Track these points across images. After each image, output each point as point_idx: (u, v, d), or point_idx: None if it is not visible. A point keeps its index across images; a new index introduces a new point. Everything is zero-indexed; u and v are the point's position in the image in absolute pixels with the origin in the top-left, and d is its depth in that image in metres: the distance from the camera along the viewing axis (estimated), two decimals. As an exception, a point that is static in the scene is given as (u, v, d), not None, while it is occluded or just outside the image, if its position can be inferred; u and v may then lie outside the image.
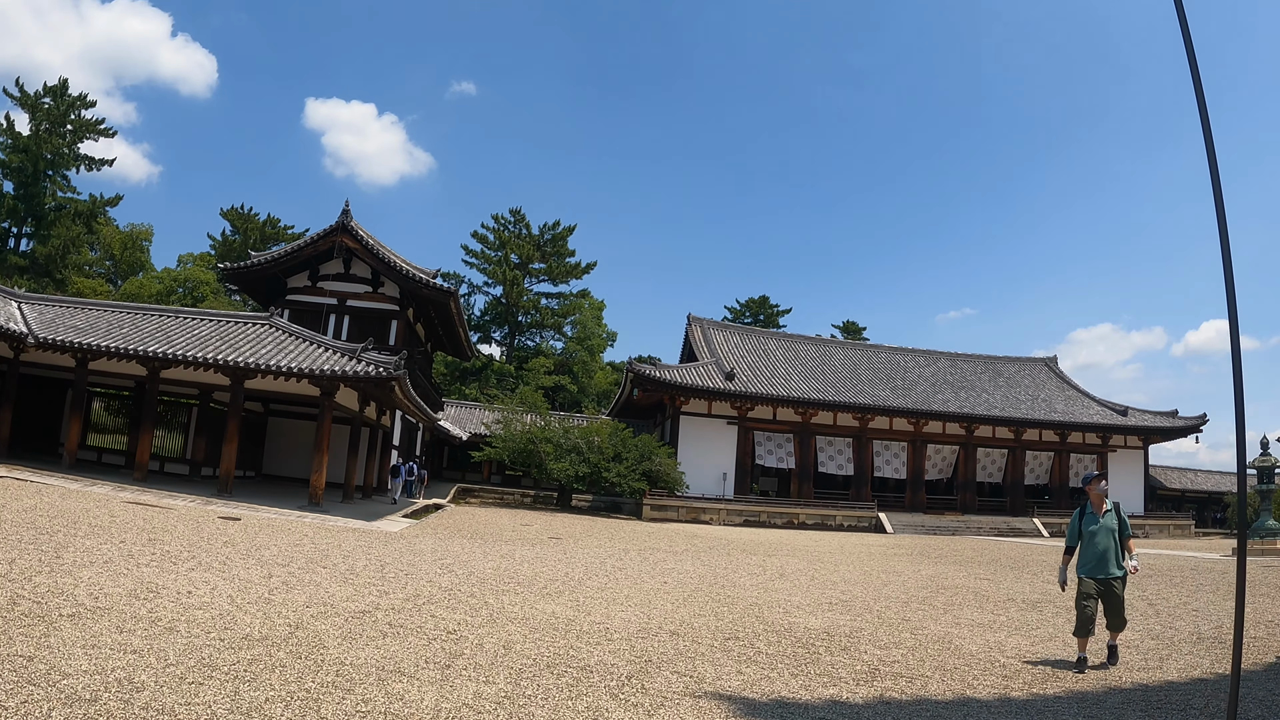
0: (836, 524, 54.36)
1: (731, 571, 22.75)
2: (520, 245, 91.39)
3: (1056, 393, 72.10)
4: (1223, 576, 27.08)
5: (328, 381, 30.57)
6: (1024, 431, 64.41)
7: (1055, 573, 26.61)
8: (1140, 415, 68.80)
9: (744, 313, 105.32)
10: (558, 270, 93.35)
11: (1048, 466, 65.76)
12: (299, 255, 44.09)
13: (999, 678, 10.61)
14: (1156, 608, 18.67)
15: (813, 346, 70.31)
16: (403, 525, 29.78)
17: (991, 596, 19.74)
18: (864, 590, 20.04)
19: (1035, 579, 24.84)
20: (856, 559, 30.07)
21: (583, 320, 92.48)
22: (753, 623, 13.92)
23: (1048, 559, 33.13)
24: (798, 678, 9.94)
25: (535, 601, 14.63)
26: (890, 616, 15.63)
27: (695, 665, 10.24)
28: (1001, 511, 62.15)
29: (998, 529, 56.10)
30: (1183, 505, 78.27)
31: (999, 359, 76.86)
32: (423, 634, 10.89)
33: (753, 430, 58.26)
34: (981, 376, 72.57)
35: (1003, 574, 26.20)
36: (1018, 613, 16.99)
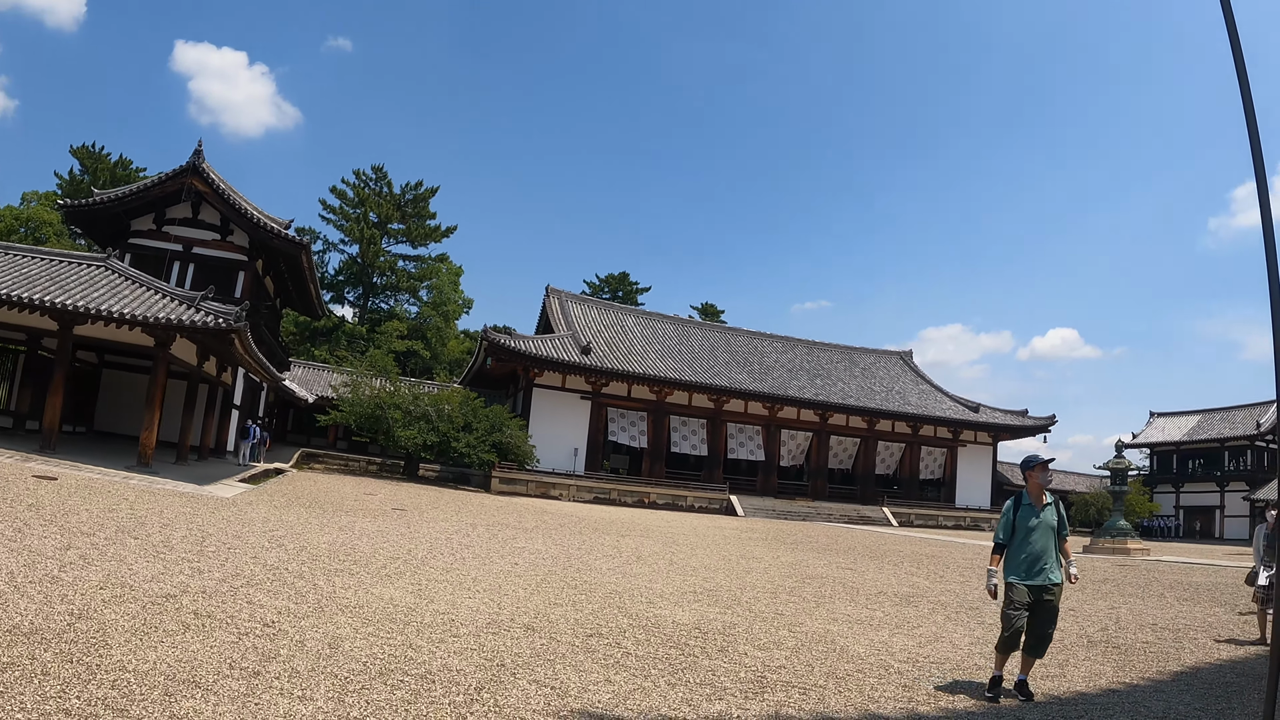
0: (688, 505, 53.65)
1: (586, 553, 21.30)
2: (380, 204, 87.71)
3: (911, 386, 72.55)
4: (1080, 573, 26.63)
5: (162, 331, 28.05)
6: (877, 422, 64.61)
7: (921, 565, 25.92)
8: (991, 413, 69.74)
9: (603, 288, 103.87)
10: (417, 232, 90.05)
11: (899, 457, 66.23)
12: (145, 195, 40.99)
13: (899, 688, 9.36)
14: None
15: (671, 326, 69.31)
16: (237, 491, 27.48)
17: (860, 589, 18.71)
18: (727, 578, 18.82)
19: (898, 570, 24.11)
20: (713, 543, 28.98)
21: (439, 285, 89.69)
22: (615, 615, 12.45)
23: (903, 549, 32.70)
24: (676, 688, 8.47)
25: (372, 584, 12.88)
26: (763, 610, 14.36)
27: (557, 671, 8.68)
28: (852, 499, 62.38)
29: (848, 516, 56.05)
30: None
31: (855, 349, 77.16)
32: (234, 627, 9.02)
33: (607, 406, 57.07)
34: (838, 366, 72.62)
35: (863, 563, 25.42)
36: (893, 608, 15.92)
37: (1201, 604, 20.00)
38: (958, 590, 19.88)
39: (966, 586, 20.91)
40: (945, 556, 30.58)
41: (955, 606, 16.83)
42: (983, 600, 18.15)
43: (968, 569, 26.08)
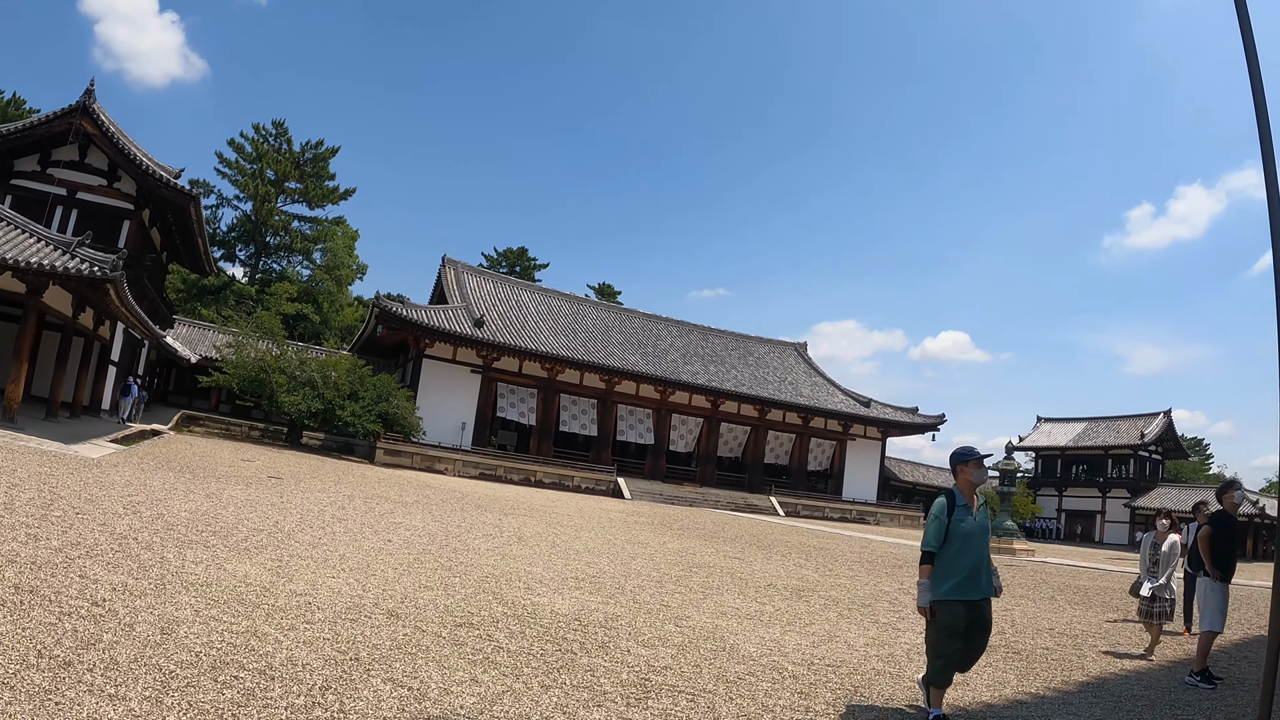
0: (574, 485, 52.78)
1: (465, 531, 20.20)
2: (279, 161, 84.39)
3: (804, 377, 72.52)
4: None
5: (33, 277, 26.25)
6: (768, 411, 64.42)
7: (810, 557, 25.38)
8: (882, 408, 70.14)
9: (501, 262, 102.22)
10: (314, 193, 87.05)
11: (789, 448, 66.17)
12: (30, 134, 38.62)
13: (795, 695, 8.57)
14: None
15: (566, 303, 68.05)
16: (106, 452, 25.83)
17: (749, 580, 17.97)
18: (611, 563, 17.94)
19: (786, 561, 23.50)
20: (598, 525, 28.12)
21: (334, 249, 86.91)
22: (489, 602, 11.46)
23: (790, 539, 32.30)
24: (550, 691, 7.52)
25: (228, 559, 11.66)
26: (647, 600, 13.50)
27: (417, 667, 7.67)
28: (740, 487, 62.16)
29: (735, 504, 55.65)
30: (913, 497, 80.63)
31: (750, 338, 76.86)
32: (57, 605, 7.80)
33: (497, 381, 55.86)
34: (732, 353, 72.23)
35: (751, 553, 24.80)
36: (784, 602, 15.19)
37: (1094, 609, 19.87)
38: (848, 585, 19.33)
39: (857, 581, 20.41)
40: (833, 549, 30.16)
41: (847, 603, 16.19)
42: (874, 597, 17.60)
43: (857, 563, 25.65)
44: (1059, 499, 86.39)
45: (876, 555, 29.75)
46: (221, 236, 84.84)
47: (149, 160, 40.72)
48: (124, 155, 39.06)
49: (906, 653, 11.70)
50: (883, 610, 15.63)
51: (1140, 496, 78.83)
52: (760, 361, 73.02)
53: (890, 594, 18.59)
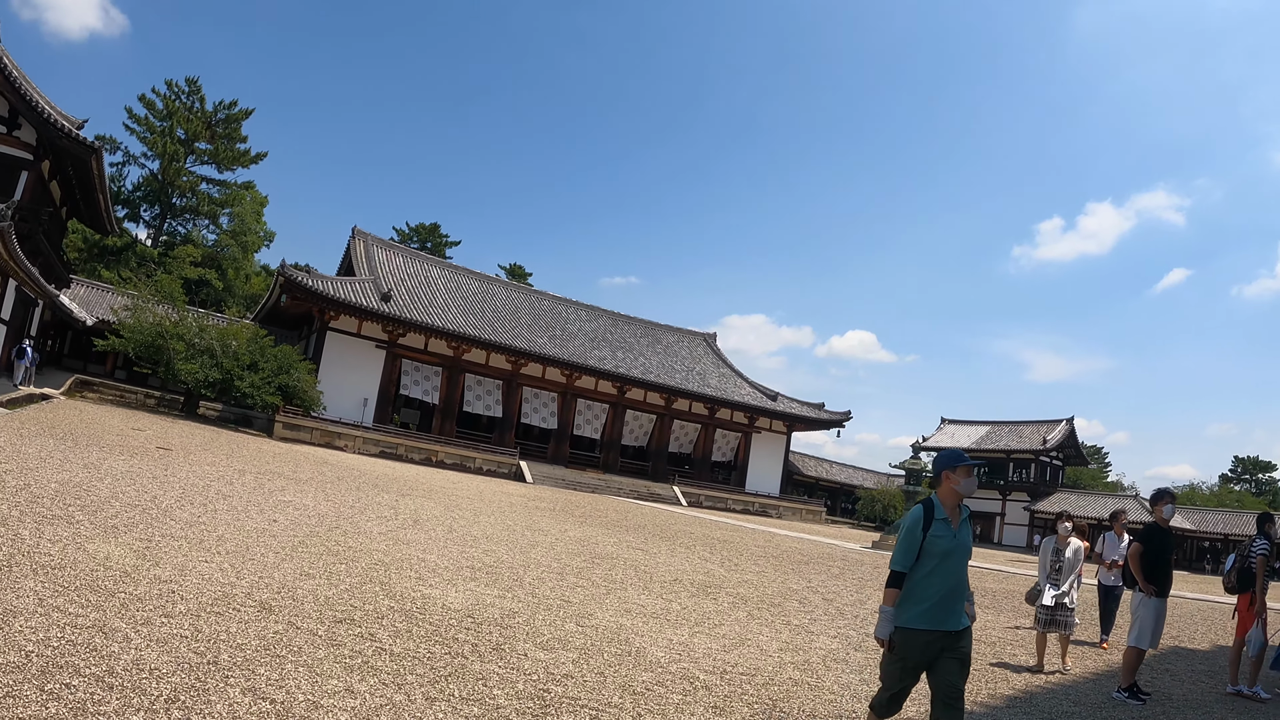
0: (476, 466, 51.69)
1: (359, 513, 19.08)
2: (190, 120, 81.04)
3: (712, 368, 72.02)
4: (875, 570, 26.61)
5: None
6: (675, 400, 63.85)
7: (715, 550, 24.73)
8: (789, 403, 69.97)
9: (412, 237, 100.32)
10: (225, 155, 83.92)
11: (694, 438, 65.79)
12: (-79, 71, 36.96)
13: (711, 710, 7.76)
14: (837, 606, 16.79)
15: (476, 282, 66.55)
16: (-21, 414, 24.56)
17: (654, 574, 17.17)
18: (510, 552, 17.00)
19: (691, 554, 22.78)
20: (498, 510, 27.14)
21: (242, 214, 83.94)
22: (376, 594, 10.46)
23: (694, 530, 31.69)
24: (436, 704, 6.58)
25: (91, 537, 10.52)
26: (547, 595, 12.62)
27: (285, 673, 6.69)
28: (644, 475, 61.54)
29: (638, 492, 55.01)
30: (815, 492, 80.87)
31: (660, 326, 76.15)
32: None
33: (402, 358, 54.38)
34: (641, 340, 71.41)
35: (655, 544, 24.08)
36: (690, 600, 14.41)
37: (1003, 613, 19.55)
38: (755, 582, 18.62)
39: (764, 578, 19.75)
40: (738, 542, 29.56)
41: (756, 601, 15.46)
42: (783, 595, 16.92)
43: (762, 558, 25.05)
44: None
45: (781, 550, 29.19)
46: (126, 195, 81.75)
47: (51, 109, 38.72)
48: (24, 100, 37.07)
49: (823, 659, 11.00)
50: (793, 610, 14.93)
51: (1040, 500, 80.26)
52: (669, 350, 72.38)
53: (799, 592, 17.95)
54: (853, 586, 20.81)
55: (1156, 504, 11.49)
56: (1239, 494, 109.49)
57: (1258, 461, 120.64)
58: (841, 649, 11.88)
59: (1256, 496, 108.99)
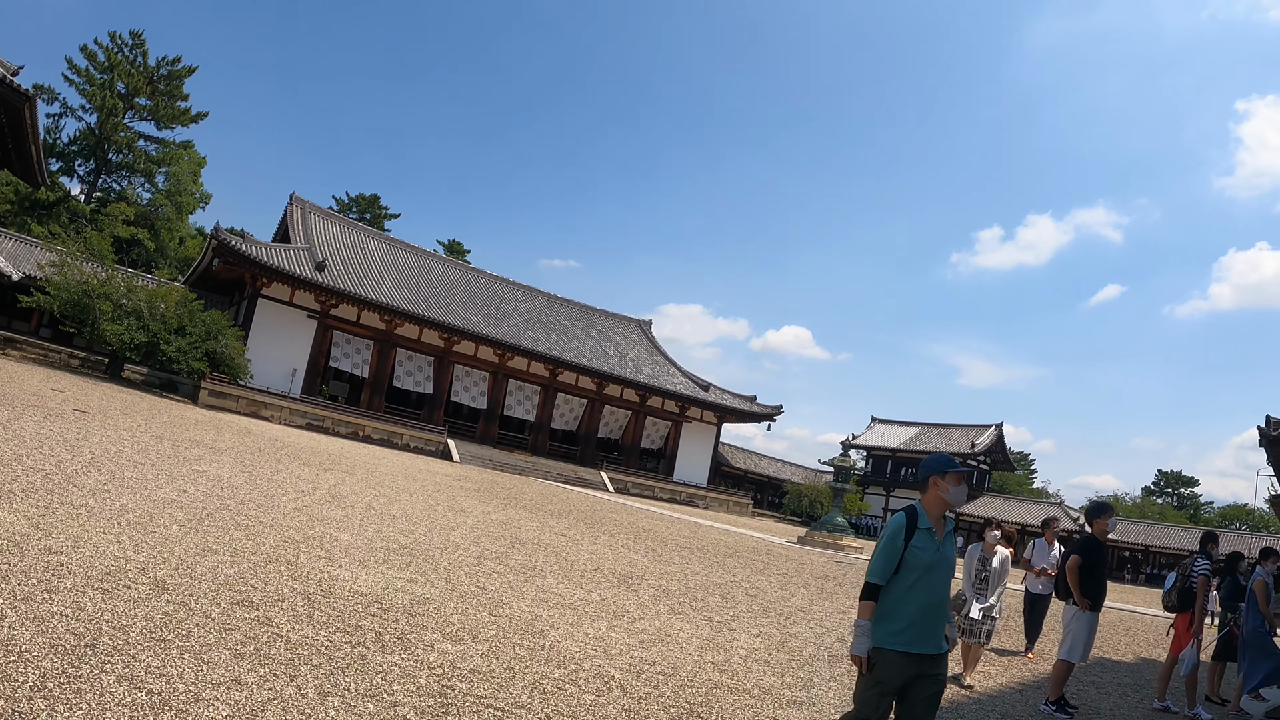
0: (403, 443, 50.85)
1: (276, 485, 18.38)
2: (131, 75, 78.37)
3: (645, 355, 71.68)
4: (800, 566, 26.34)
5: None
6: (607, 385, 63.50)
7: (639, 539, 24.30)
8: (721, 394, 69.86)
9: (352, 207, 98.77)
10: (165, 112, 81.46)
11: (624, 424, 65.51)
12: None
13: (624, 714, 7.30)
14: (760, 602, 16.38)
15: (413, 255, 65.41)
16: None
17: (575, 562, 16.67)
18: (428, 533, 16.44)
19: (614, 542, 22.35)
20: (421, 488, 26.50)
21: (178, 173, 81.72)
22: (280, 574, 9.85)
23: (620, 518, 31.31)
24: (329, 700, 6.04)
25: None
26: (462, 580, 12.11)
27: (169, 659, 6.09)
28: (572, 460, 61.22)
29: (566, 476, 54.54)
30: (743, 484, 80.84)
31: (595, 311, 75.51)
32: None
33: (333, 329, 53.33)
34: (576, 324, 70.79)
35: (579, 530, 23.61)
36: (611, 591, 13.95)
37: None
38: (679, 574, 18.20)
39: (688, 570, 19.32)
40: (663, 532, 29.17)
41: (679, 595, 15.03)
42: (706, 589, 16.49)
43: (687, 549, 24.63)
44: (886, 499, 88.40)
45: (707, 542, 28.82)
46: (61, 148, 79.36)
47: (-18, 51, 37.58)
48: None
49: (744, 660, 10.58)
50: (716, 606, 14.52)
51: (966, 504, 78.68)
52: (603, 335, 71.84)
53: (722, 586, 17.55)
54: (777, 582, 20.44)
55: (1099, 517, 11.09)
56: (1161, 506, 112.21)
57: (1180, 476, 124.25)
58: (764, 649, 11.49)
59: (1178, 510, 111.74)
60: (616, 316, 77.06)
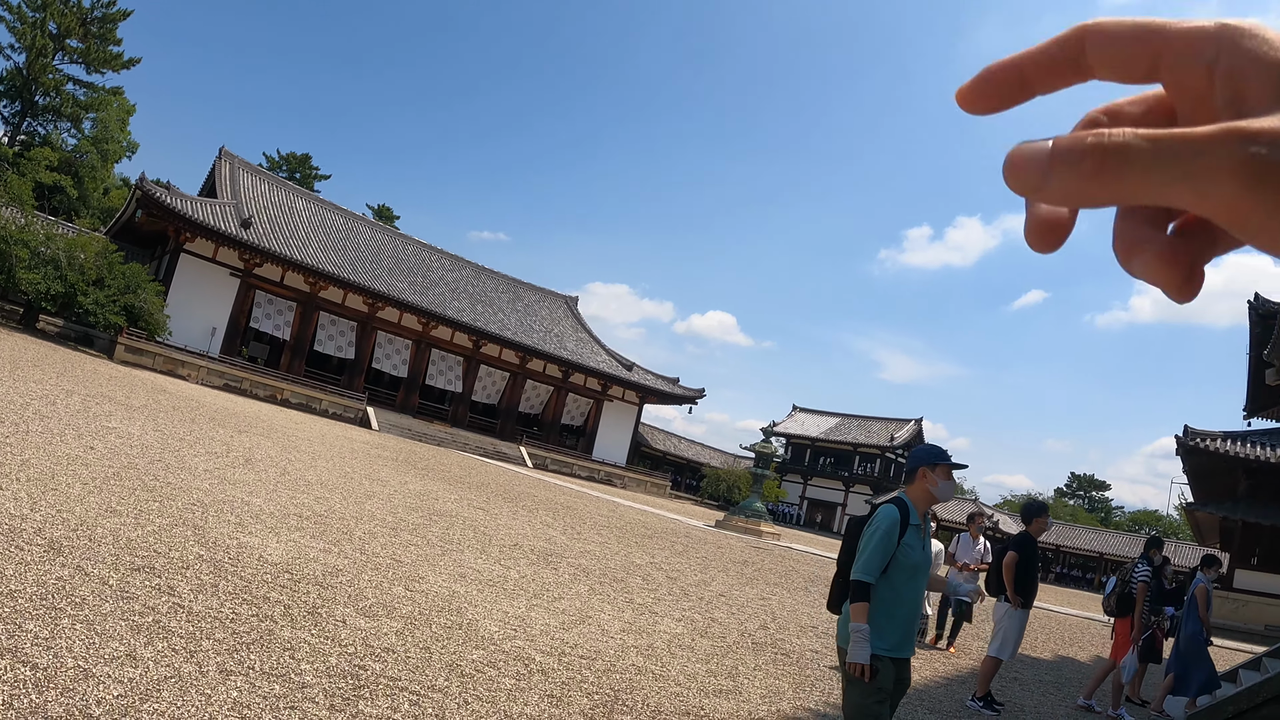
0: (322, 409, 49.89)
1: (188, 446, 17.58)
2: (64, 15, 74.86)
3: (570, 331, 71.15)
4: (719, 550, 26.11)
5: None
6: (530, 360, 62.92)
7: (558, 516, 23.93)
8: (644, 374, 69.57)
9: (282, 166, 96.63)
10: (96, 55, 78.30)
11: (545, 400, 65.07)
12: None
13: (546, 700, 6.88)
14: (681, 585, 16.08)
15: (341, 218, 64.09)
16: None
17: (494, 537, 16.23)
18: (344, 501, 15.89)
19: (533, 518, 21.92)
20: (338, 455, 25.85)
21: (106, 120, 78.94)
22: (186, 539, 9.25)
23: (538, 494, 30.98)
24: (232, 678, 5.54)
25: None
26: (378, 552, 11.61)
27: (58, 630, 5.52)
28: (492, 433, 60.54)
29: (484, 450, 53.98)
30: (662, 466, 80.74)
31: (523, 284, 74.68)
32: None
33: (256, 289, 52.03)
34: (502, 296, 69.96)
35: (497, 504, 23.16)
36: (530, 568, 13.53)
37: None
38: (598, 553, 17.83)
39: (607, 549, 18.98)
40: (582, 509, 28.81)
41: (599, 574, 14.66)
42: (626, 570, 16.15)
43: (606, 528, 24.31)
44: (804, 486, 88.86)
45: (626, 521, 28.51)
46: (-13, 88, 77.37)
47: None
48: None
49: (667, 645, 10.25)
50: (637, 587, 14.17)
51: (883, 495, 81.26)
52: (529, 309, 71.07)
53: (643, 568, 17.22)
54: (697, 565, 20.20)
55: (1038, 516, 10.93)
56: (1073, 508, 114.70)
57: (1092, 480, 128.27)
58: (687, 634, 11.17)
59: (1089, 512, 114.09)
60: (543, 291, 76.31)
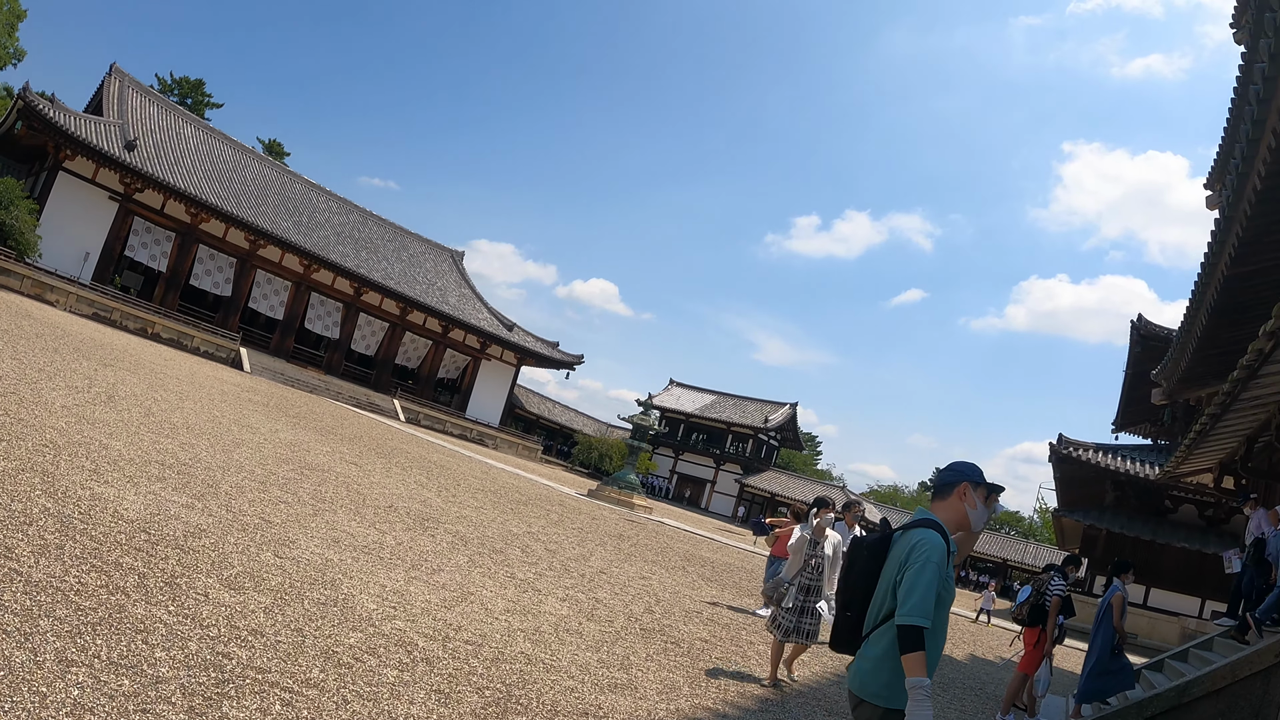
0: (194, 346, 47.55)
1: (47, 379, 16.12)
2: None
3: (454, 286, 69.69)
4: (594, 522, 25.45)
5: None
6: (411, 311, 61.38)
7: (432, 475, 23.07)
8: (524, 335, 68.64)
9: (174, 89, 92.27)
10: None
11: (424, 354, 63.80)
12: None
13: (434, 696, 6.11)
14: (561, 559, 15.38)
15: (230, 149, 60.53)
16: None
17: (368, 497, 15.31)
18: (210, 449, 14.72)
19: (408, 476, 21.05)
20: (207, 397, 24.34)
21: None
22: (33, 487, 8.21)
23: (412, 450, 30.11)
24: (72, 670, 4.66)
25: None
26: (244, 510, 10.63)
27: None
28: (367, 383, 58.87)
29: (358, 400, 52.51)
30: (534, 429, 79.98)
31: (409, 234, 72.72)
32: None
33: (135, 215, 48.91)
34: (388, 244, 67.99)
35: (370, 460, 22.19)
36: (406, 533, 12.72)
37: (726, 589, 18.68)
38: (475, 519, 17.02)
39: (484, 515, 18.20)
40: (456, 470, 27.91)
41: (477, 544, 13.87)
42: (504, 540, 15.41)
43: (480, 491, 23.48)
44: (675, 461, 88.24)
45: (500, 485, 27.66)
46: None
47: None
48: None
49: (555, 628, 9.60)
50: (517, 560, 13.40)
51: (753, 476, 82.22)
52: (414, 260, 69.11)
53: (520, 538, 16.42)
54: (574, 538, 19.46)
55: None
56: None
57: None
58: (574, 617, 10.51)
59: None
60: (430, 243, 74.35)
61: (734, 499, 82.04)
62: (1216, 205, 15.19)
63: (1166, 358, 18.05)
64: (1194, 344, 15.02)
